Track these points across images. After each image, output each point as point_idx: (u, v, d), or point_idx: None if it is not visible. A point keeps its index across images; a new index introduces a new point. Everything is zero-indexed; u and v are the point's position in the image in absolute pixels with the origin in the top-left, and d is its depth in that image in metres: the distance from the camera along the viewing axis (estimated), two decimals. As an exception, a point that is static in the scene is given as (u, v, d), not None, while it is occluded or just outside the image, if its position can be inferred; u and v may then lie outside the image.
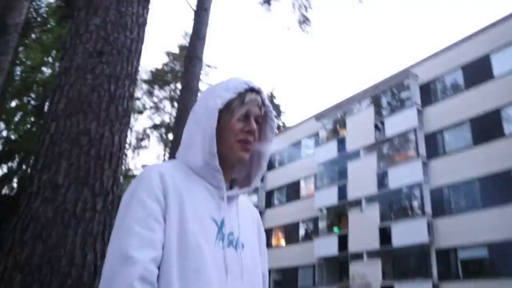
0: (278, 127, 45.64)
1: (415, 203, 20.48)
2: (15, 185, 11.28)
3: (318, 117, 27.29)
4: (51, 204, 2.12)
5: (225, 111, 1.10)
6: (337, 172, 25.17)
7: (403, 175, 20.51)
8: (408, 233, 19.31)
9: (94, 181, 2.22)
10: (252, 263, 1.10)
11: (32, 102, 11.08)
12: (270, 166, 30.93)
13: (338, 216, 24.51)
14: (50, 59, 10.99)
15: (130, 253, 0.91)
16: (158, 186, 1.01)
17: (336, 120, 26.25)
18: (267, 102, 1.16)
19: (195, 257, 0.97)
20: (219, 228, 1.04)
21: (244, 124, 1.11)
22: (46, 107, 9.82)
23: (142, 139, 30.77)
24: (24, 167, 10.74)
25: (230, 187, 1.18)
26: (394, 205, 21.56)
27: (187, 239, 0.97)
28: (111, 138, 2.36)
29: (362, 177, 22.54)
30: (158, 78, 31.18)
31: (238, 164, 1.14)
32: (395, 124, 21.93)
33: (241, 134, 1.10)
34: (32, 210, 2.11)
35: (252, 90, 1.13)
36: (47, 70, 11.11)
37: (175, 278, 0.94)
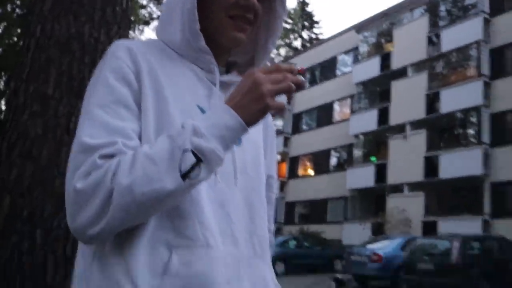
0: (310, 40, 45.93)
1: (471, 131, 20.19)
2: (3, 107, 10.77)
3: (359, 28, 26.42)
4: (41, 118, 2.15)
5: None
6: (379, 93, 24.70)
7: (458, 98, 19.73)
8: (459, 164, 18.93)
9: None
10: (253, 163, 1.04)
11: (17, 10, 10.51)
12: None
13: (376, 143, 24.25)
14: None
15: (93, 142, 0.83)
16: (127, 65, 0.92)
17: (380, 32, 25.41)
18: None
19: None
20: None
21: None
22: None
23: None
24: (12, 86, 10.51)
25: (227, 71, 1.08)
26: (445, 133, 21.15)
27: (168, 131, 0.87)
28: (108, 43, 2.31)
29: (408, 100, 21.84)
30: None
31: (233, 46, 1.04)
32: (454, 36, 20.58)
33: (234, 8, 0.97)
34: (20, 126, 2.16)
35: None
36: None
37: None
